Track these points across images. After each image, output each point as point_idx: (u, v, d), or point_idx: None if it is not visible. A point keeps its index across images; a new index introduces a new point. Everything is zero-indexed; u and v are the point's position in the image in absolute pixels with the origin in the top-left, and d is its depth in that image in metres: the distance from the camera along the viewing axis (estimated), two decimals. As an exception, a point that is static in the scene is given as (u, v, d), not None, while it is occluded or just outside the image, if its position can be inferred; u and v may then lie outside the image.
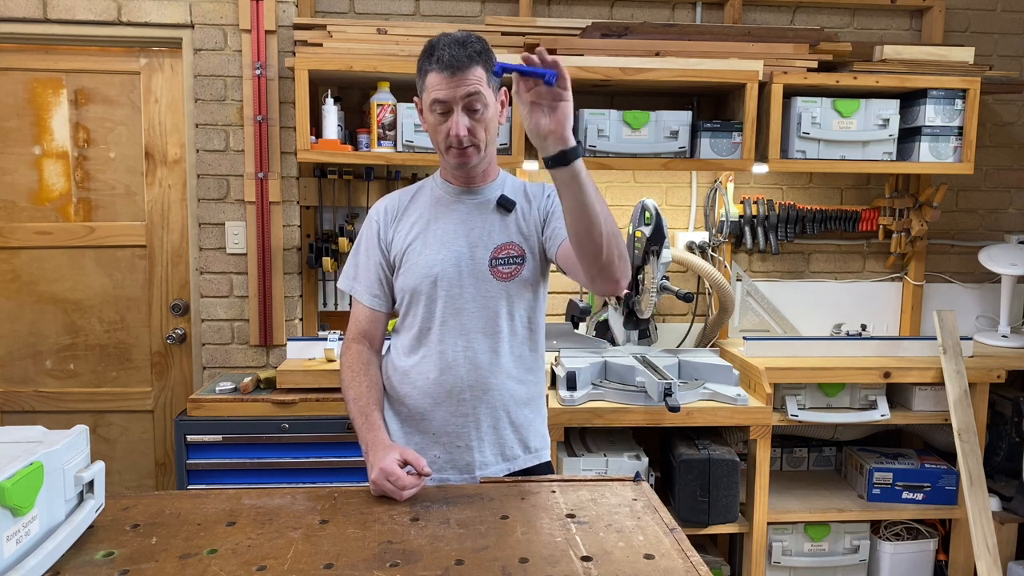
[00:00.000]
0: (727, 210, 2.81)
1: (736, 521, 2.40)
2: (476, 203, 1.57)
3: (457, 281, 1.53)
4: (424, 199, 1.60)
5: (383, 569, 1.06)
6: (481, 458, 1.57)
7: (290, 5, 2.56)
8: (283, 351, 2.64)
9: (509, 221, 1.56)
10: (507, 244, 1.54)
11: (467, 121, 1.44)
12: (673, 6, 2.82)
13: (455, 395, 1.54)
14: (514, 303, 1.56)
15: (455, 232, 1.54)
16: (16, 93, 2.64)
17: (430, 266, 1.53)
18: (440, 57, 1.41)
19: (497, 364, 1.55)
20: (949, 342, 2.49)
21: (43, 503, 1.02)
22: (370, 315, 1.61)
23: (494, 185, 1.58)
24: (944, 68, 2.59)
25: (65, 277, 2.72)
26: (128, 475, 2.82)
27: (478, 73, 1.42)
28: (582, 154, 1.28)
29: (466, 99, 1.42)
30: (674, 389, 2.23)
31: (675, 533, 1.20)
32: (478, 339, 1.54)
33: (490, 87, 1.46)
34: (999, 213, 3.04)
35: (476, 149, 1.48)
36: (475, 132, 1.46)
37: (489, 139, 1.49)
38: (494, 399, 1.56)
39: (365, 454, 1.42)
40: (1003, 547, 2.52)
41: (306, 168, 2.66)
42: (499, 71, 1.24)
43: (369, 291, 1.60)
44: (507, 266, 1.53)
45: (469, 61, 1.41)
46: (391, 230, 1.59)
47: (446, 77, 1.41)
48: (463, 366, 1.54)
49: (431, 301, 1.54)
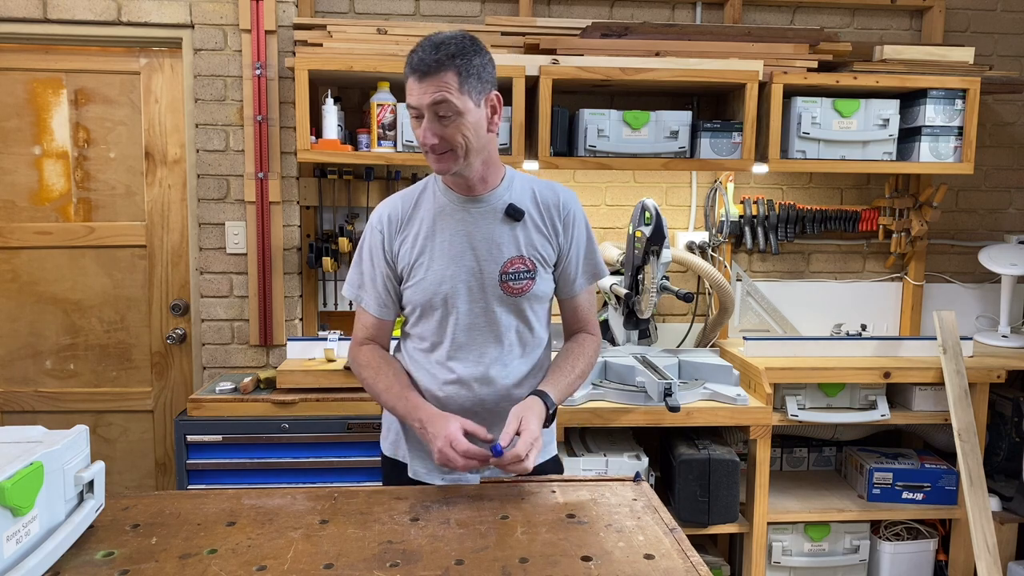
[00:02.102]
0: (727, 210, 2.81)
1: (736, 521, 2.40)
2: (482, 212, 1.51)
3: (467, 297, 1.50)
4: (427, 206, 1.54)
5: (383, 569, 1.06)
6: (492, 469, 1.57)
7: (290, 5, 2.56)
8: (283, 351, 2.64)
9: (518, 232, 1.51)
10: (517, 258, 1.51)
11: (436, 127, 1.38)
12: (673, 6, 2.82)
13: (467, 410, 1.53)
14: (526, 316, 1.54)
15: (463, 246, 1.50)
16: (16, 93, 2.64)
17: (439, 283, 1.50)
18: (411, 60, 1.38)
19: (509, 377, 1.55)
20: (949, 342, 2.49)
21: (43, 503, 1.02)
22: (377, 323, 1.58)
23: (499, 191, 1.52)
24: (944, 68, 2.59)
25: (65, 277, 2.72)
26: (128, 475, 2.82)
27: (447, 79, 1.35)
28: (552, 407, 1.47)
29: (432, 106, 1.36)
30: (674, 389, 2.23)
31: (675, 533, 1.20)
32: (490, 354, 1.53)
33: (464, 93, 1.37)
34: (999, 213, 3.04)
35: (454, 155, 1.40)
36: (449, 138, 1.38)
37: (471, 146, 1.40)
38: (506, 410, 1.53)
39: (422, 430, 1.42)
40: (1003, 547, 2.52)
41: (306, 168, 2.66)
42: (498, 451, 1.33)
43: (377, 301, 1.56)
44: (518, 281, 1.51)
45: (437, 67, 1.34)
46: (396, 241, 1.54)
47: (416, 81, 1.36)
48: (475, 382, 1.53)
49: (443, 317, 1.52)
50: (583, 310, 1.64)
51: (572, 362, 1.57)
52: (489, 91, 1.43)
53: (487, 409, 1.54)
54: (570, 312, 1.64)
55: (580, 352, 1.60)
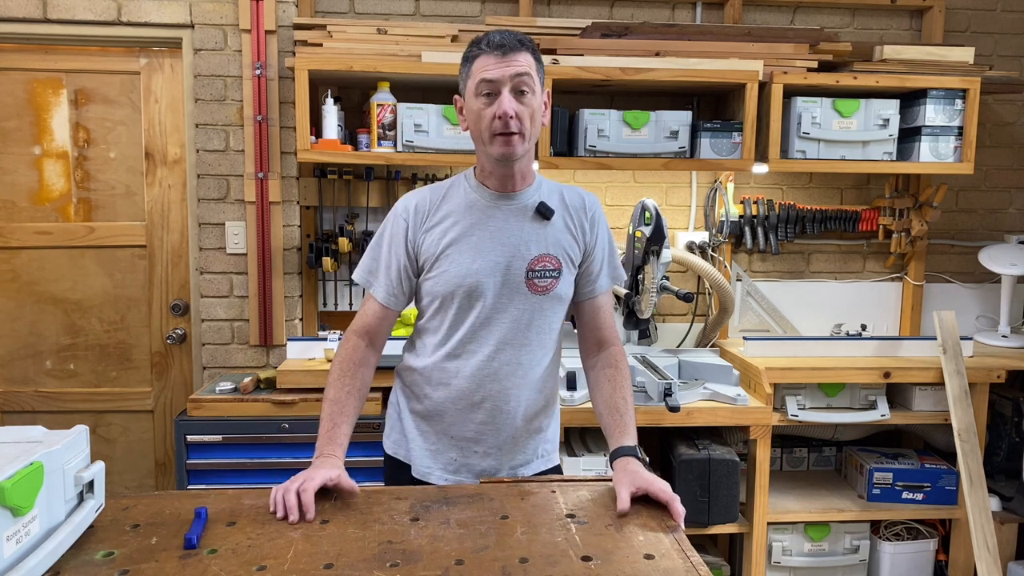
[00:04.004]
0: (727, 210, 2.81)
1: (736, 521, 2.40)
2: (513, 210, 1.51)
3: (491, 292, 1.49)
4: (457, 201, 1.53)
5: (383, 569, 1.06)
6: (496, 464, 1.57)
7: (290, 5, 2.56)
8: (283, 351, 2.64)
9: (547, 230, 1.52)
10: (544, 256, 1.51)
11: (515, 104, 1.40)
12: (673, 6, 2.82)
13: (476, 404, 1.53)
14: (545, 316, 1.54)
15: (491, 241, 1.49)
16: (16, 93, 2.64)
17: (464, 275, 1.49)
18: (490, 40, 1.41)
19: (521, 376, 1.54)
20: (949, 342, 2.49)
21: (43, 503, 1.02)
22: (382, 313, 1.55)
23: (530, 190, 1.53)
24: (944, 68, 2.59)
25: (65, 277, 2.72)
26: (128, 475, 2.82)
27: (528, 59, 1.42)
28: (640, 455, 1.42)
29: (515, 79, 1.39)
30: (674, 389, 2.23)
31: (675, 533, 1.20)
32: (505, 351, 1.52)
33: (538, 78, 1.44)
34: (999, 213, 3.04)
35: (521, 138, 1.43)
36: (521, 117, 1.41)
37: (533, 131, 1.45)
38: (514, 410, 1.55)
39: (312, 462, 1.37)
40: (1003, 547, 2.52)
41: (306, 168, 2.66)
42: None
43: (387, 289, 1.53)
44: (543, 279, 1.51)
45: (520, 46, 1.41)
46: (420, 231, 1.52)
47: (496, 57, 1.39)
48: (488, 378, 1.52)
49: (462, 310, 1.51)
50: (605, 312, 1.61)
51: (624, 393, 1.52)
52: (543, 86, 1.49)
53: (496, 405, 1.54)
54: (591, 314, 1.61)
55: (624, 379, 1.55)
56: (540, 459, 1.63)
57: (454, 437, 1.56)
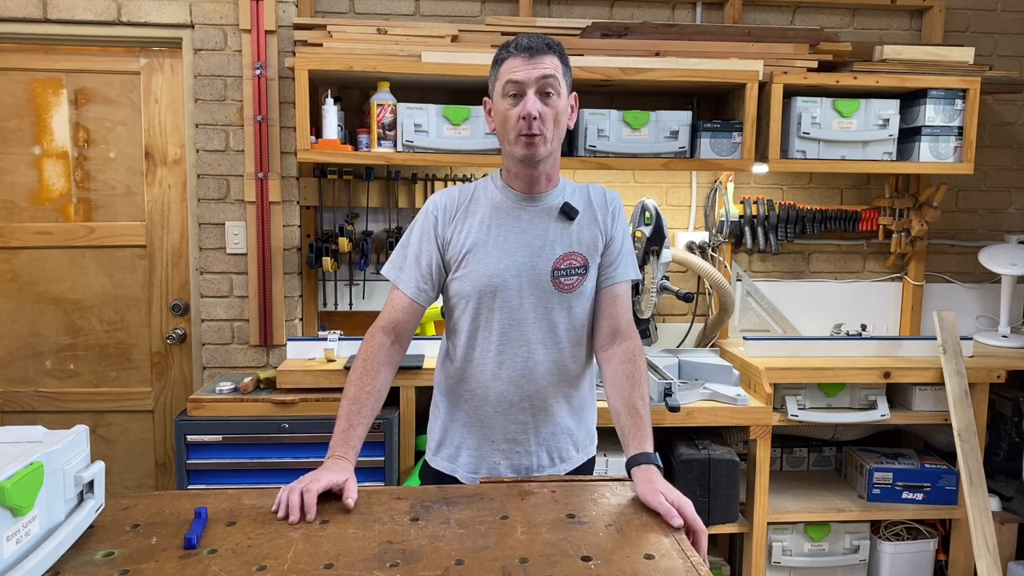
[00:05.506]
0: (727, 210, 2.81)
1: (736, 521, 2.40)
2: (538, 211, 1.53)
3: (517, 292, 1.50)
4: (483, 203, 1.55)
5: (383, 569, 1.06)
6: (538, 461, 1.59)
7: (290, 5, 2.56)
8: (283, 351, 2.64)
9: (572, 229, 1.54)
10: (570, 254, 1.52)
11: (539, 105, 1.43)
12: (673, 6, 2.82)
13: (515, 405, 1.54)
14: (574, 313, 1.54)
15: (517, 241, 1.51)
16: (16, 93, 2.64)
17: (490, 276, 1.50)
18: (519, 43, 1.44)
19: (556, 374, 1.55)
20: (949, 342, 2.49)
21: (43, 503, 1.02)
22: (409, 307, 1.53)
23: (555, 192, 1.55)
24: (944, 68, 2.59)
25: (65, 277, 2.72)
26: (128, 475, 2.82)
27: (554, 61, 1.44)
28: (657, 461, 1.41)
29: (540, 81, 1.42)
30: (674, 389, 2.23)
31: (675, 533, 1.20)
32: (538, 350, 1.53)
33: (564, 81, 1.46)
34: (999, 213, 3.04)
35: (544, 140, 1.45)
36: (545, 119, 1.43)
37: (557, 134, 1.48)
38: (552, 407, 1.56)
39: (323, 461, 1.36)
40: (1003, 547, 2.52)
41: (306, 168, 2.66)
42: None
43: (416, 283, 1.53)
44: (569, 277, 1.52)
45: (547, 49, 1.44)
46: (449, 228, 1.53)
47: (524, 59, 1.42)
48: (522, 377, 1.53)
49: (489, 311, 1.51)
50: (623, 301, 1.58)
51: (643, 393, 1.50)
52: (571, 89, 1.52)
53: (529, 401, 1.55)
54: (608, 302, 1.57)
55: (643, 378, 1.53)
56: (579, 454, 1.64)
57: (495, 441, 1.57)
